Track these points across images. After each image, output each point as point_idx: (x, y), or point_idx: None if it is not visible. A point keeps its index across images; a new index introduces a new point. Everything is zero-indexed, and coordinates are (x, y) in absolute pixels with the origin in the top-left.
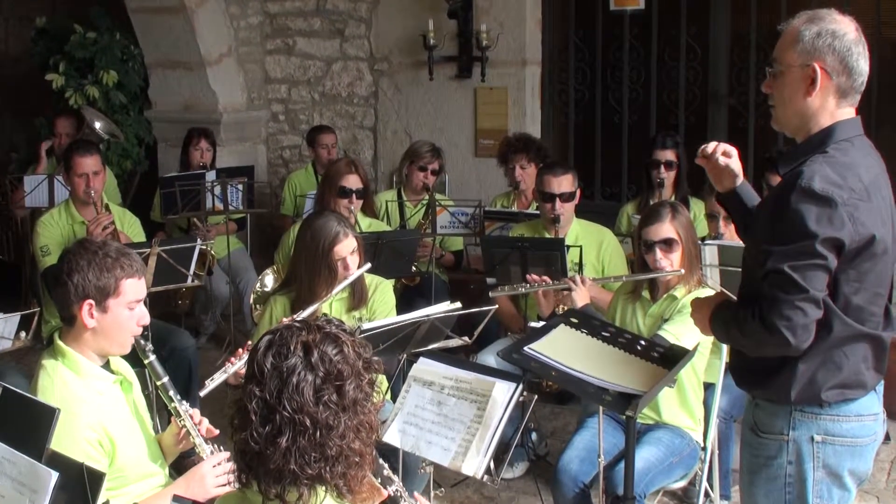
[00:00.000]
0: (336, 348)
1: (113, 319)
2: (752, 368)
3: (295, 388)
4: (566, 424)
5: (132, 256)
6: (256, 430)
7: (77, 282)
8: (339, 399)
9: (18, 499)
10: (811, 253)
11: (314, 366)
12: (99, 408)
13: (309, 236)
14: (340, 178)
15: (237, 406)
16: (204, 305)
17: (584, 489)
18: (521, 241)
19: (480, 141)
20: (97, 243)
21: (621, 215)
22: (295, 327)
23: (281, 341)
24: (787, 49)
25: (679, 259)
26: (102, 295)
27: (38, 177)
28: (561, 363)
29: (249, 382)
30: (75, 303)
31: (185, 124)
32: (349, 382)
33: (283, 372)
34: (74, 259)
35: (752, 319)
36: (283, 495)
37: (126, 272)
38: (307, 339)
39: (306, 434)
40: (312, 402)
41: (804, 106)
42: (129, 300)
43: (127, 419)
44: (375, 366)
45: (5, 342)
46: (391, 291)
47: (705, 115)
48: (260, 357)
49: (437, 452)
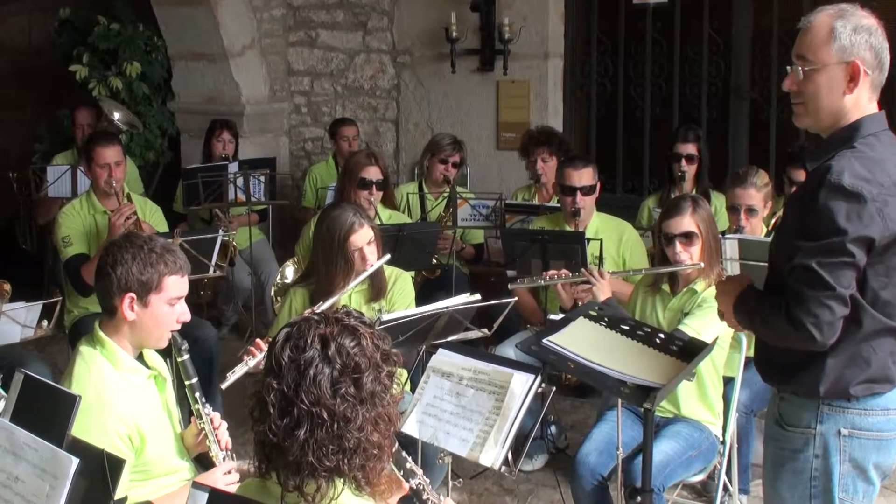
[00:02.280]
0: (354, 340)
1: (153, 314)
2: (779, 363)
3: (312, 380)
4: (586, 418)
5: (177, 254)
6: (275, 422)
7: (120, 274)
8: (356, 391)
9: (39, 484)
10: (840, 250)
11: (331, 358)
12: (132, 402)
13: (325, 227)
14: (360, 170)
15: (256, 398)
16: (226, 296)
17: (603, 481)
18: (542, 233)
19: (502, 134)
20: (143, 238)
21: (642, 209)
22: (313, 320)
23: (298, 334)
24: (821, 46)
25: (699, 253)
26: (144, 290)
27: (60, 167)
28: (580, 355)
29: (268, 375)
30: (117, 295)
31: (208, 116)
32: (367, 375)
33: (300, 365)
34: (119, 252)
35: (777, 312)
36: (302, 487)
37: (170, 269)
38: (325, 332)
39: (324, 426)
40: (330, 395)
41: (841, 104)
42: (171, 297)
43: (158, 415)
44: (394, 358)
45: (28, 331)
46: (410, 283)
47: (727, 110)
48: (278, 350)
49: (455, 443)
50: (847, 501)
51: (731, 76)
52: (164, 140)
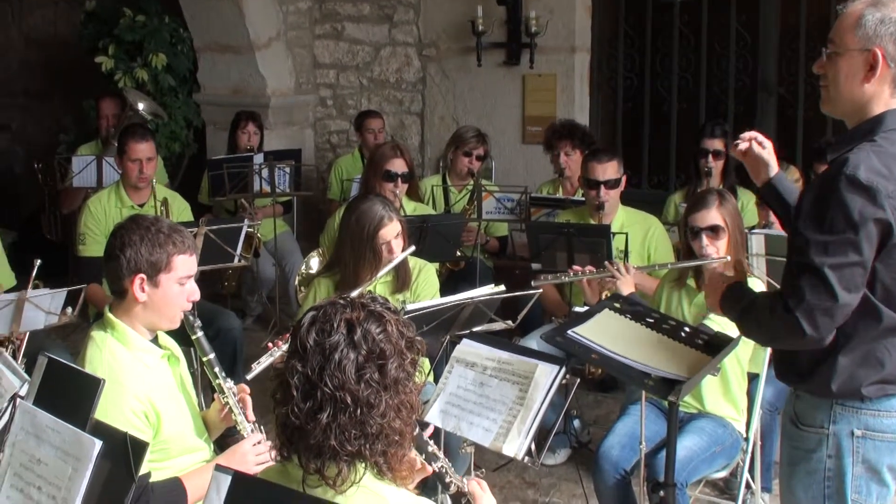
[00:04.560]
0: (379, 327)
1: (164, 294)
2: (793, 360)
3: (337, 365)
4: (609, 413)
5: (184, 233)
6: (297, 405)
7: (129, 256)
8: (380, 378)
9: (62, 467)
10: (851, 248)
11: (357, 344)
12: (146, 380)
13: (353, 220)
14: (386, 162)
15: (279, 380)
16: (250, 287)
17: (625, 476)
18: (568, 226)
19: (528, 128)
20: (150, 219)
21: (669, 204)
22: (339, 304)
23: (324, 318)
24: (847, 31)
25: (725, 247)
26: (154, 270)
27: (86, 157)
28: (604, 347)
29: (292, 358)
30: (127, 276)
31: (234, 108)
32: (391, 361)
33: (325, 349)
34: (127, 234)
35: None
36: (323, 470)
37: (178, 248)
38: (351, 317)
39: (347, 411)
40: (354, 380)
41: (860, 92)
42: (181, 276)
43: (173, 393)
44: (418, 346)
45: (52, 317)
46: (434, 274)
47: (754, 105)
48: (303, 333)
49: (478, 433)
50: (860, 503)
51: (759, 72)
52: (189, 132)
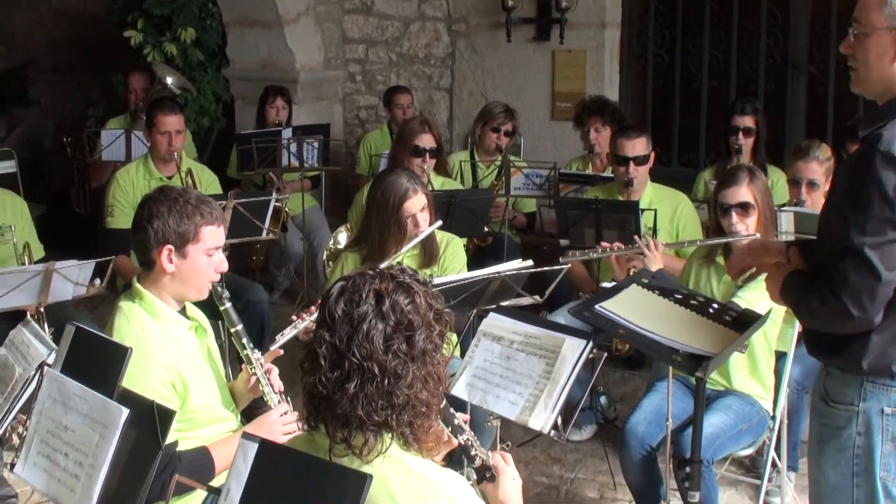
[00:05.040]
0: (408, 298)
1: (191, 265)
2: (824, 336)
3: (365, 335)
4: (636, 390)
5: (212, 204)
6: (325, 374)
7: (157, 227)
8: (408, 349)
9: (89, 434)
10: (889, 223)
11: (385, 314)
12: (173, 350)
13: (379, 193)
14: (414, 137)
15: (307, 350)
16: (278, 262)
17: (651, 452)
18: (596, 202)
19: (557, 104)
20: (178, 190)
21: (698, 181)
22: (368, 275)
23: (353, 288)
24: (873, 10)
25: (755, 224)
26: (182, 241)
27: (115, 131)
28: (632, 322)
29: (320, 327)
30: (154, 248)
31: (262, 82)
32: (419, 333)
33: (353, 319)
34: (155, 205)
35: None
36: (350, 440)
37: (206, 219)
38: (379, 288)
39: (374, 381)
40: (382, 351)
41: (889, 71)
42: (208, 247)
43: (200, 364)
44: (447, 318)
45: (80, 289)
46: (462, 248)
47: (784, 83)
48: (332, 303)
49: (504, 406)
50: (888, 481)
51: (790, 49)
52: (218, 106)
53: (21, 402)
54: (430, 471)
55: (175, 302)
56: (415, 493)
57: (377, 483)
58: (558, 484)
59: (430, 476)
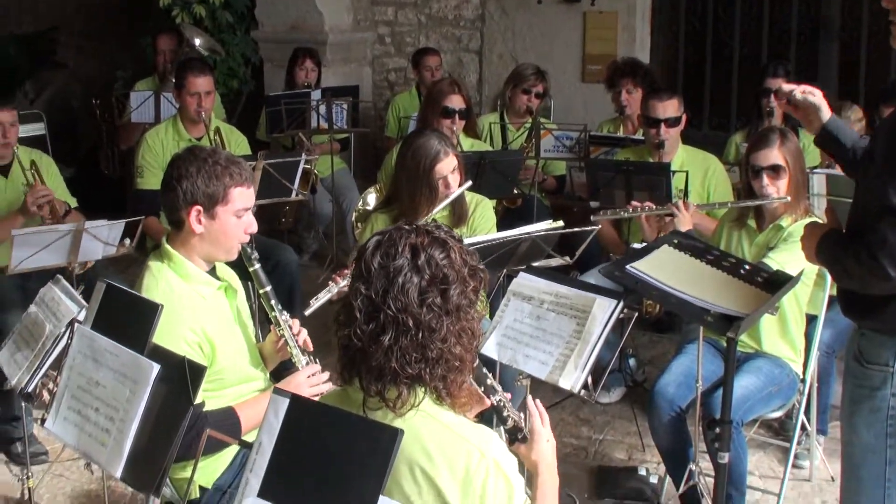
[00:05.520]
0: (443, 253)
1: (221, 226)
2: (860, 297)
3: (400, 288)
4: (664, 353)
5: (242, 165)
6: (360, 327)
7: (186, 188)
8: (442, 302)
9: (119, 389)
10: None
11: (420, 268)
12: (201, 311)
13: (409, 155)
14: (443, 99)
15: (343, 302)
16: (307, 224)
17: (680, 413)
18: (627, 164)
19: (588, 66)
20: (207, 150)
21: (730, 144)
22: (404, 230)
23: (389, 242)
24: None
25: (786, 186)
26: (211, 202)
27: (144, 93)
28: (663, 282)
29: (356, 280)
30: (183, 208)
31: (291, 45)
32: (454, 287)
33: (389, 272)
34: (184, 165)
35: (861, 258)
36: (384, 392)
37: (235, 180)
38: (415, 242)
39: (408, 334)
40: (417, 304)
41: None
42: (238, 208)
43: (229, 324)
44: (481, 274)
45: (109, 248)
46: (491, 209)
47: (816, 49)
48: (368, 256)
49: (534, 366)
50: None
51: (821, 16)
52: (247, 69)
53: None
54: (462, 425)
55: (204, 262)
56: (447, 447)
57: (410, 437)
58: (587, 445)
59: (462, 430)
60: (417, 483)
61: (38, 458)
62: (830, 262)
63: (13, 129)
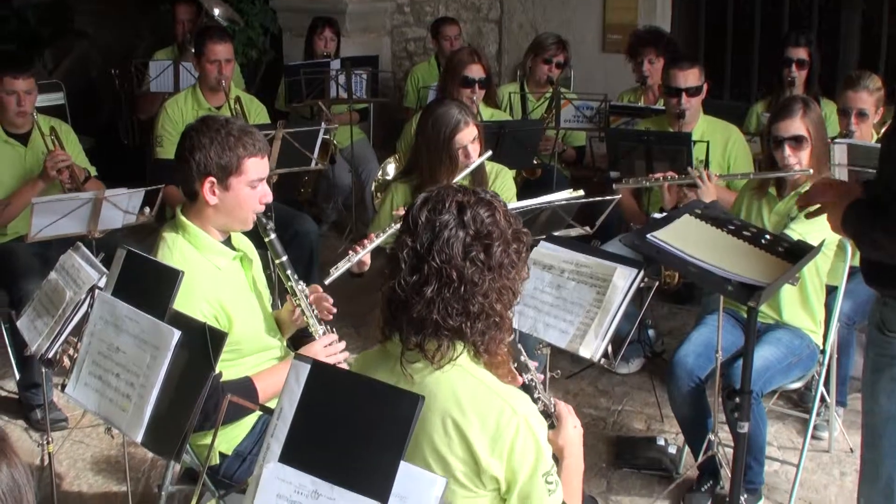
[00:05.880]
0: (489, 211)
1: (235, 197)
2: (884, 267)
3: (445, 241)
4: (683, 324)
5: (255, 135)
6: (405, 278)
7: (199, 159)
8: (486, 258)
9: (140, 355)
10: None
11: (466, 224)
12: (216, 283)
13: (430, 124)
14: (463, 68)
15: (389, 255)
16: (326, 194)
17: (700, 384)
18: (647, 134)
19: (608, 36)
20: (220, 121)
21: (751, 114)
22: (452, 188)
23: (437, 198)
24: None
25: (807, 157)
26: (224, 173)
27: (163, 62)
28: (684, 252)
29: (403, 233)
30: (197, 180)
31: (310, 14)
32: (497, 245)
33: (435, 226)
34: (197, 136)
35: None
36: (423, 344)
37: (248, 151)
38: (462, 200)
39: (451, 287)
40: (461, 257)
41: None
42: (252, 179)
43: (244, 294)
44: (524, 237)
45: (129, 217)
46: (511, 179)
47: (838, 19)
48: (415, 210)
49: (554, 334)
50: None
51: None
52: (265, 38)
53: (72, 324)
54: (497, 383)
55: (219, 233)
56: (480, 401)
57: (445, 389)
58: (605, 416)
59: (496, 387)
60: (448, 434)
61: (57, 425)
62: (857, 234)
63: (31, 96)
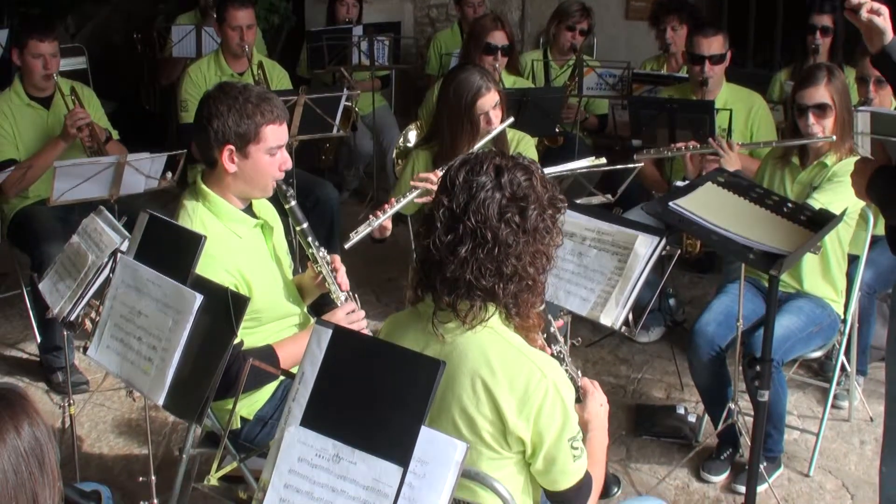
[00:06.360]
0: (526, 176)
1: (254, 165)
2: None
3: (482, 202)
4: (704, 294)
5: (273, 101)
6: (440, 237)
7: (217, 127)
8: (521, 221)
9: (162, 319)
10: None
11: (503, 186)
12: (237, 251)
13: (451, 90)
14: (486, 34)
15: (425, 215)
16: (347, 161)
17: (720, 352)
18: (670, 101)
19: (632, 3)
20: (238, 87)
21: (774, 82)
22: (491, 152)
23: (475, 161)
24: None
25: (831, 125)
26: (243, 141)
27: (185, 27)
28: (706, 220)
29: (441, 193)
30: (216, 147)
31: None
32: (532, 208)
33: (472, 186)
34: (214, 104)
35: None
36: (455, 304)
37: (266, 118)
38: (500, 163)
39: (485, 247)
40: (496, 218)
41: None
42: (271, 146)
43: (265, 262)
44: (560, 204)
45: (151, 182)
46: (533, 146)
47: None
48: (453, 171)
49: (575, 302)
50: None
51: None
52: (287, 4)
53: (94, 288)
54: (528, 347)
55: (239, 200)
56: (510, 363)
57: (476, 349)
58: (625, 384)
59: (526, 350)
60: (476, 394)
61: (79, 388)
62: (882, 201)
63: (54, 60)
